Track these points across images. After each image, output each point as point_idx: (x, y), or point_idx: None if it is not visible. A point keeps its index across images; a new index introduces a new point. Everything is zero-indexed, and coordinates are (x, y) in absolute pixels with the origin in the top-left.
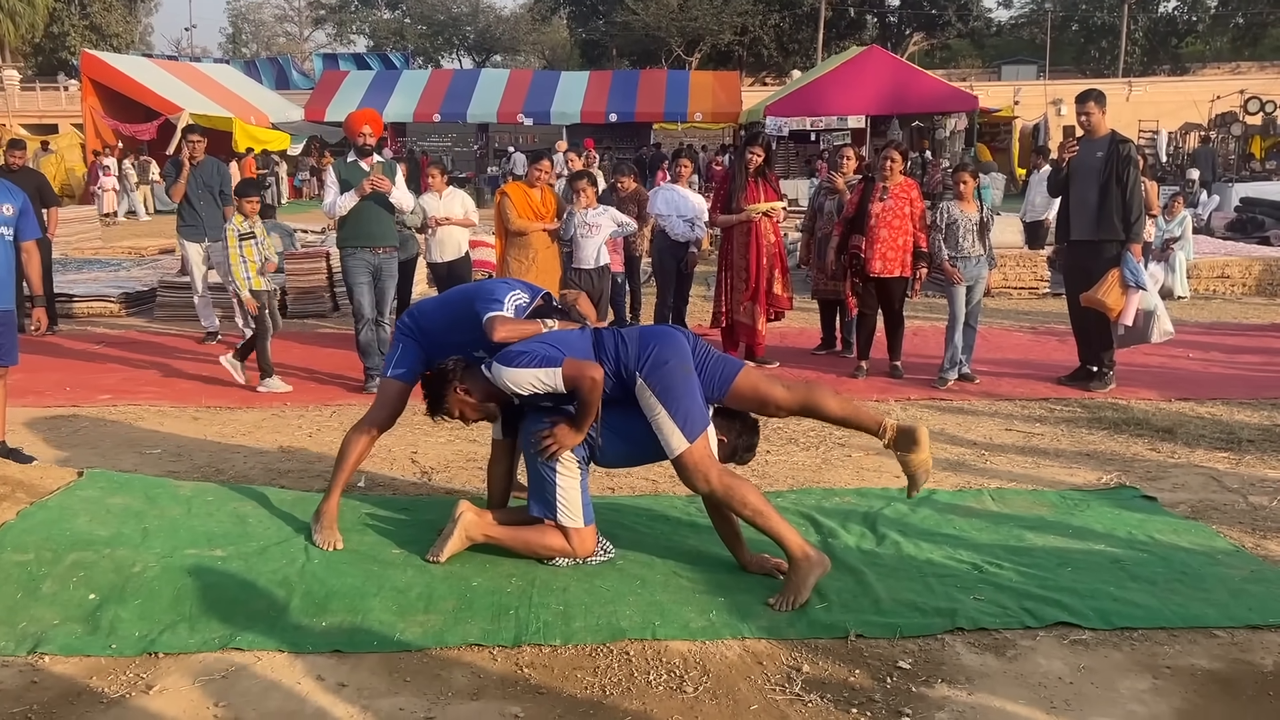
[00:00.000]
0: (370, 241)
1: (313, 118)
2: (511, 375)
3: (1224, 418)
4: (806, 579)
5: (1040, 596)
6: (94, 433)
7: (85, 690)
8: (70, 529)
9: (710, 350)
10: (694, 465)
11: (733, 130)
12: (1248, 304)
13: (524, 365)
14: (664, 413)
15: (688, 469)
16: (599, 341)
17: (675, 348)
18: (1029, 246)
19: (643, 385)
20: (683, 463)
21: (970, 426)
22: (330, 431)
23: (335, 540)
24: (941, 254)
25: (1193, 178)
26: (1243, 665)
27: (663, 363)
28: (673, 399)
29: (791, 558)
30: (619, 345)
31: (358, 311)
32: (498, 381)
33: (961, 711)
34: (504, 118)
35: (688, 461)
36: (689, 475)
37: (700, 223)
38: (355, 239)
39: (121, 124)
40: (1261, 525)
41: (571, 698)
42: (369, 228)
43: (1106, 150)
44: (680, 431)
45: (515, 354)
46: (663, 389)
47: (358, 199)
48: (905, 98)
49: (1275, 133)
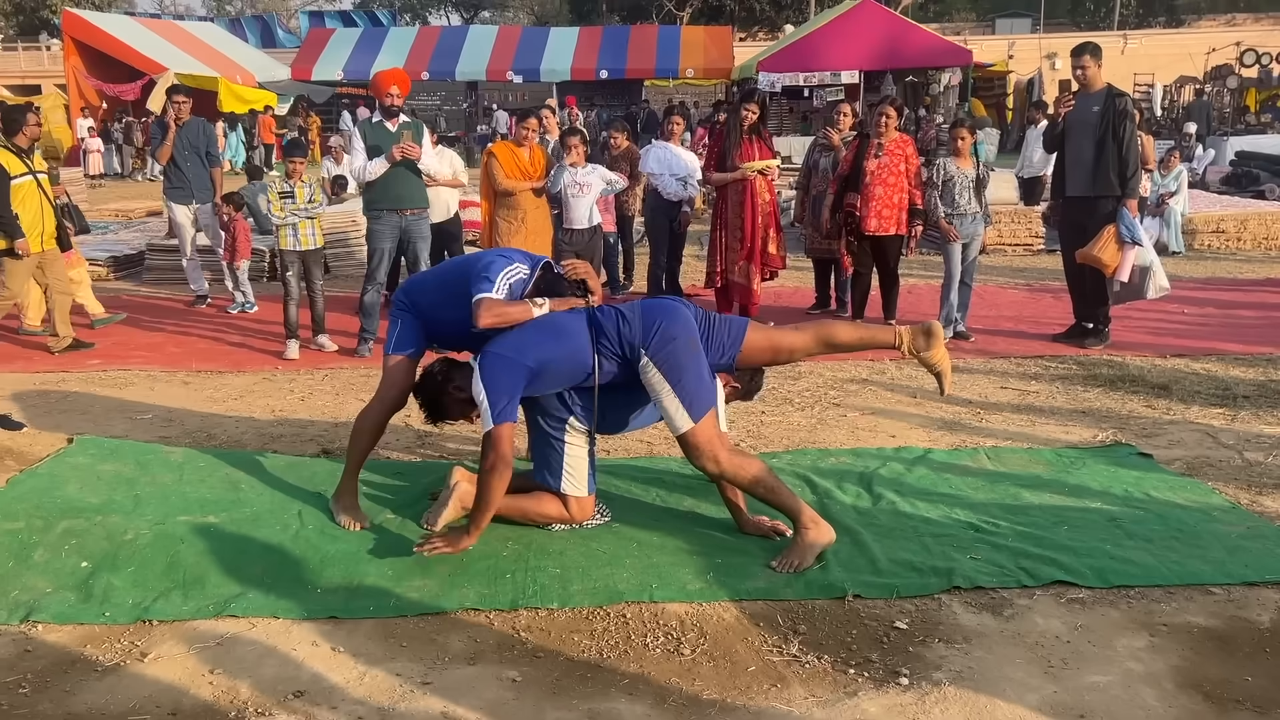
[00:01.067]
0: (398, 204)
1: (299, 76)
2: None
3: (1219, 374)
4: (813, 545)
5: (1037, 555)
6: (83, 399)
7: (79, 658)
8: (61, 496)
9: (712, 316)
10: (701, 445)
11: (725, 87)
12: (1243, 259)
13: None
14: (669, 392)
15: (696, 449)
16: (597, 323)
17: (681, 322)
18: (1025, 203)
19: (648, 363)
20: (689, 443)
21: (965, 385)
22: (322, 395)
23: (360, 519)
24: (937, 211)
25: (1189, 132)
26: (1239, 622)
27: (670, 339)
28: (678, 378)
29: (800, 525)
30: (620, 323)
31: (371, 273)
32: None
33: (959, 671)
34: (493, 75)
35: (695, 441)
36: (697, 455)
37: (693, 181)
38: (383, 201)
39: (105, 84)
40: (1257, 481)
41: (569, 660)
42: (397, 189)
43: (1102, 105)
44: (686, 411)
45: (489, 361)
46: (669, 367)
47: (387, 166)
48: (899, 52)
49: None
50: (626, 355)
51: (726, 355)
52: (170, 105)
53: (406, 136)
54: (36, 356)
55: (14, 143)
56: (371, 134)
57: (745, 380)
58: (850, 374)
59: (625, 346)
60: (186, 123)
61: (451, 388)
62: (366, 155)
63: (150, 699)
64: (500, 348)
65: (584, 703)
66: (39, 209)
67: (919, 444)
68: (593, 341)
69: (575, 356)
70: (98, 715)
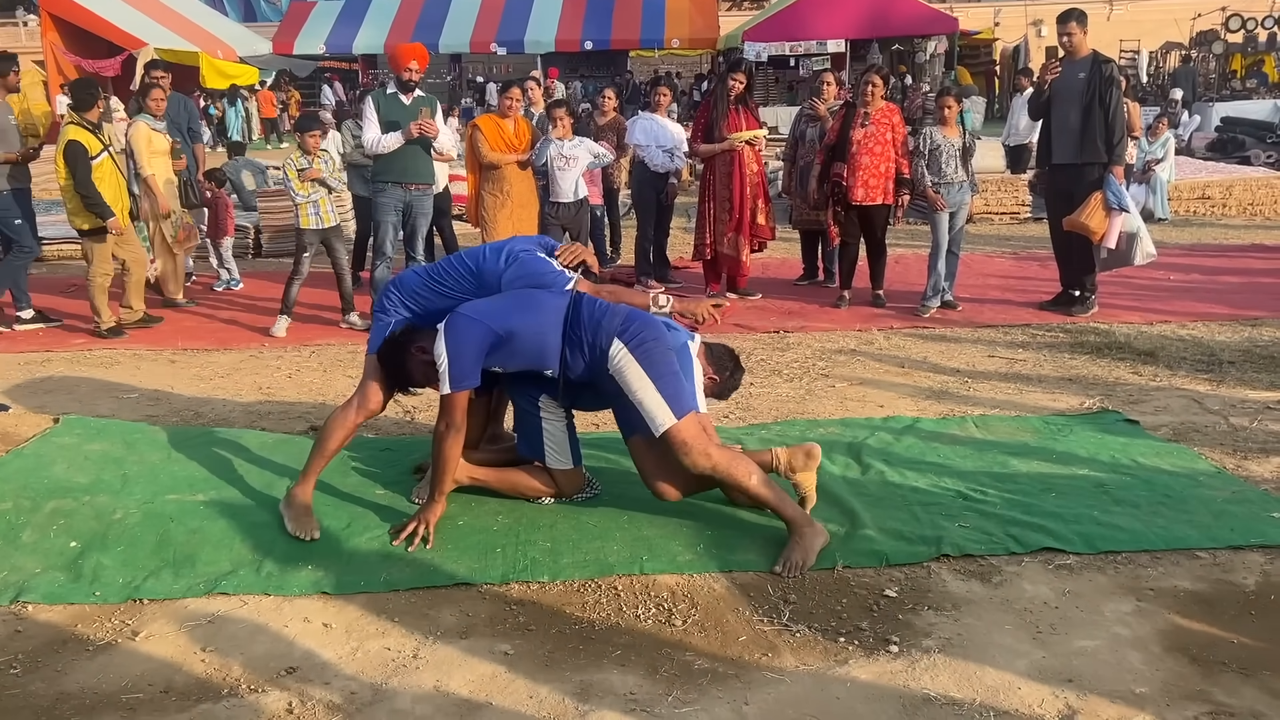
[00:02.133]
0: (404, 177)
1: (281, 50)
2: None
3: (1205, 339)
4: (812, 545)
5: (1025, 522)
6: (69, 378)
7: (71, 637)
8: (48, 476)
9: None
10: (690, 440)
11: (710, 57)
12: (1227, 225)
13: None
14: (649, 385)
15: (685, 445)
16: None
17: (662, 333)
18: (1012, 171)
19: (623, 352)
20: (676, 440)
21: (953, 354)
22: (309, 372)
23: (311, 529)
24: (924, 180)
25: (1176, 98)
26: (1225, 585)
27: (650, 338)
28: (659, 372)
29: (795, 526)
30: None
31: (379, 247)
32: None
33: (948, 638)
34: (477, 47)
35: (682, 438)
36: (687, 452)
37: (680, 153)
38: (388, 174)
39: (84, 60)
40: (1242, 446)
41: (560, 633)
42: (404, 163)
43: (1089, 71)
44: (668, 406)
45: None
46: (648, 361)
47: (403, 141)
48: (885, 21)
49: (1256, 50)
50: (600, 344)
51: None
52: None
53: (424, 114)
54: (20, 337)
55: (86, 118)
56: (385, 106)
57: (724, 374)
58: (838, 344)
59: (600, 334)
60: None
61: (414, 349)
62: (380, 129)
63: (142, 677)
64: (469, 309)
65: (576, 674)
66: (116, 185)
67: (907, 413)
68: (565, 322)
69: (543, 334)
70: (90, 694)
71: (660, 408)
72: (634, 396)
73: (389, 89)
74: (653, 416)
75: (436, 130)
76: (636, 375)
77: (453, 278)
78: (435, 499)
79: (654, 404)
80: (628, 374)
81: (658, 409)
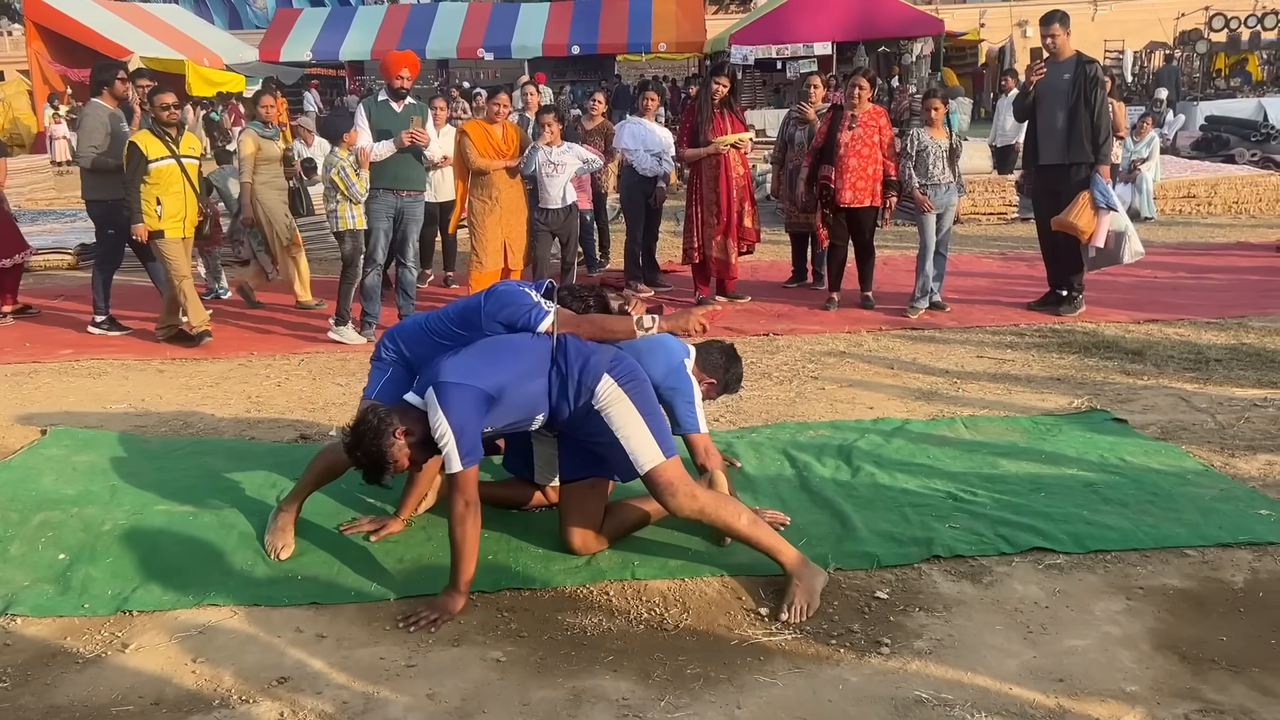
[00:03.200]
0: (395, 184)
1: (267, 58)
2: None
3: (1192, 338)
4: (814, 586)
5: (1015, 522)
6: (56, 389)
7: (60, 650)
8: (36, 488)
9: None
10: (675, 481)
11: (698, 60)
12: (1213, 223)
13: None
14: (639, 421)
15: (670, 486)
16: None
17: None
18: (999, 172)
19: (612, 388)
20: (663, 480)
21: (942, 355)
22: (299, 380)
23: (287, 544)
24: (911, 182)
25: (1161, 97)
26: (1214, 583)
27: (639, 378)
28: (649, 410)
29: (790, 568)
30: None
31: (370, 255)
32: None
33: (940, 639)
34: (464, 53)
35: (669, 478)
36: (672, 493)
37: (668, 157)
38: (379, 180)
39: (69, 69)
40: (1230, 444)
41: (552, 640)
42: (395, 169)
43: (1073, 72)
44: (658, 445)
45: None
46: (639, 398)
47: (394, 150)
48: (871, 23)
49: (1240, 49)
50: (587, 382)
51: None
52: (134, 89)
53: (415, 122)
54: (7, 347)
55: (159, 123)
56: (377, 114)
57: (720, 374)
58: (828, 347)
59: (588, 372)
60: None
61: (397, 433)
62: (373, 137)
63: (133, 689)
64: (452, 374)
65: (569, 680)
66: (181, 194)
67: (897, 415)
68: (551, 360)
69: (529, 379)
70: (80, 707)
71: (649, 445)
72: (620, 433)
73: (380, 96)
74: (639, 455)
75: (428, 139)
76: (626, 411)
77: (442, 323)
78: (459, 589)
79: (642, 441)
80: (616, 409)
81: (646, 446)
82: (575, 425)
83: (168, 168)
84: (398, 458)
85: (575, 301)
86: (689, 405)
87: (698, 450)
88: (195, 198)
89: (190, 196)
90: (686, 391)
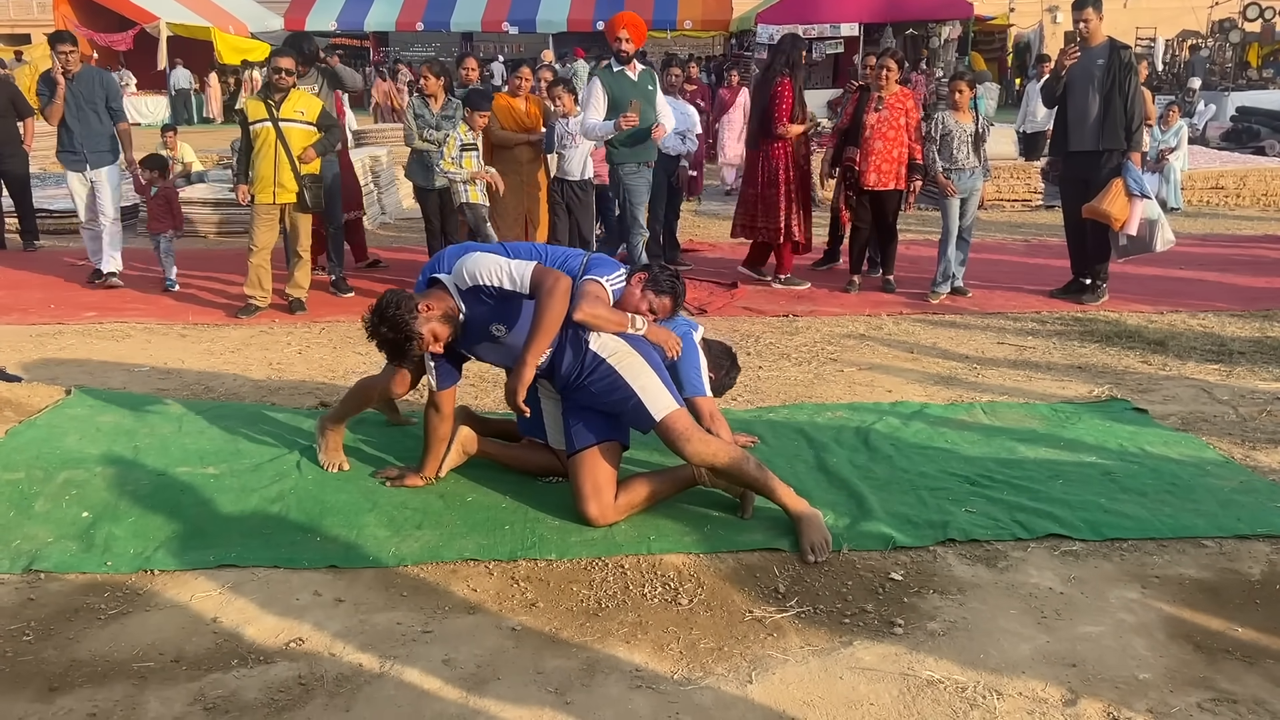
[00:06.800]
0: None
1: (293, 26)
2: (477, 261)
3: (1215, 330)
4: (820, 523)
5: (1031, 509)
6: (80, 350)
7: (83, 606)
8: (60, 447)
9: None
10: (689, 428)
11: (724, 39)
12: (1241, 215)
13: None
14: (649, 372)
15: (683, 434)
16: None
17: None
18: (1028, 158)
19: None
20: (675, 428)
21: (962, 340)
22: (319, 348)
23: (343, 461)
24: (936, 166)
25: (1194, 87)
26: (1230, 574)
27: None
28: (657, 363)
29: (794, 512)
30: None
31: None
32: (458, 275)
33: (953, 622)
34: (488, 26)
35: (682, 425)
36: (685, 441)
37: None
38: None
39: (96, 34)
40: (1251, 436)
41: (567, 611)
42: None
43: (1107, 58)
44: (669, 393)
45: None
46: (648, 350)
47: (611, 133)
48: (899, 5)
49: (1273, 40)
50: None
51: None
52: (55, 57)
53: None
54: (32, 309)
55: (268, 87)
56: (613, 84)
57: (719, 373)
58: (847, 329)
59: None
60: (78, 74)
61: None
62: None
63: (153, 646)
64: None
65: (582, 651)
66: (271, 159)
67: (915, 399)
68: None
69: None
70: (101, 662)
71: (662, 394)
72: (635, 384)
73: (613, 65)
74: (653, 403)
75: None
76: (637, 363)
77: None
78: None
79: (656, 391)
80: (627, 362)
81: (660, 395)
82: (582, 375)
83: (262, 130)
84: (420, 331)
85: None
86: (695, 370)
87: (703, 414)
88: (290, 164)
89: (284, 162)
90: (693, 357)
